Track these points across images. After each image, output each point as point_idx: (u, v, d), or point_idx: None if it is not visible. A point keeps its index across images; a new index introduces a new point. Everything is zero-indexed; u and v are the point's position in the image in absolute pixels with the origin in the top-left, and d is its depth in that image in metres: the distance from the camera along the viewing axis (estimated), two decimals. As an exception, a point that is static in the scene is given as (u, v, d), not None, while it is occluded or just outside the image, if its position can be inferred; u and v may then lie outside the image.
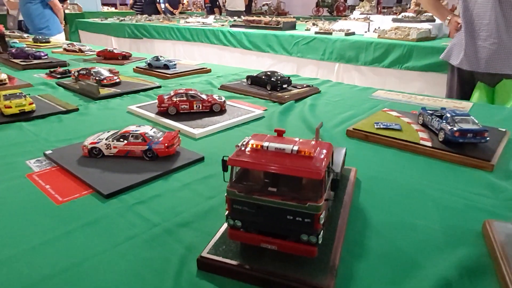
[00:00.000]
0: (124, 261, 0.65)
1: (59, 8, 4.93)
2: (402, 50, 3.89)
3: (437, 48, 3.65)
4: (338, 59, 4.37)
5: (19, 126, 1.33)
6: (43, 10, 4.71)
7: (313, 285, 0.56)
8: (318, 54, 4.52)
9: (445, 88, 3.86)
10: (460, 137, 1.07)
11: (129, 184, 0.89)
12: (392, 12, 7.26)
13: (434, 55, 3.68)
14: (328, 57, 4.45)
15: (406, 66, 3.88)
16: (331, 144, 0.62)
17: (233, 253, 0.63)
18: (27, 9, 4.71)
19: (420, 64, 3.79)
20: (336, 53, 4.36)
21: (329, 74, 4.55)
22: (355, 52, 4.21)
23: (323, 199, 0.54)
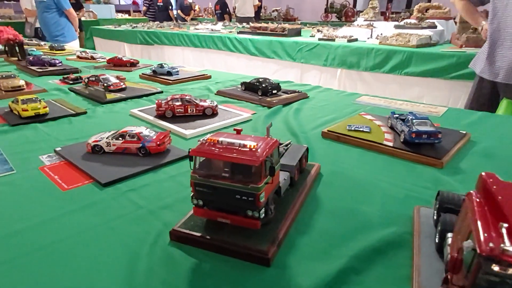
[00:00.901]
0: (113, 233, 0.81)
1: (74, 16, 5.20)
2: (402, 56, 3.99)
3: (436, 54, 3.76)
4: (340, 65, 4.50)
5: (34, 127, 1.51)
6: (59, 18, 4.98)
7: (257, 251, 0.71)
8: (321, 60, 4.65)
9: (443, 92, 3.96)
10: (416, 138, 1.21)
11: (123, 175, 1.06)
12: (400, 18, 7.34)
13: (433, 61, 3.79)
14: (331, 63, 4.58)
15: (406, 72, 3.99)
16: (277, 140, 0.77)
17: (198, 227, 0.79)
18: (44, 18, 4.98)
19: (419, 69, 3.89)
20: (338, 59, 4.48)
21: (331, 80, 4.68)
22: (357, 58, 4.32)
23: (263, 182, 0.69)
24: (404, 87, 4.07)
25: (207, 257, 0.74)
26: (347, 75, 4.50)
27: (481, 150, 1.27)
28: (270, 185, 0.74)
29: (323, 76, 4.74)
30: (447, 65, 3.69)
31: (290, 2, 11.89)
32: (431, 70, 3.79)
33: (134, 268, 0.70)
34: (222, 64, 5.72)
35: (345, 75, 4.52)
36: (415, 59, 3.91)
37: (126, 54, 7.20)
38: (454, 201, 0.74)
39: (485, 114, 1.67)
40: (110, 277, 0.68)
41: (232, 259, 0.73)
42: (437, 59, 3.77)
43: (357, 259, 0.72)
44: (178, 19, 10.64)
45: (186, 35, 6.12)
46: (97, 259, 0.73)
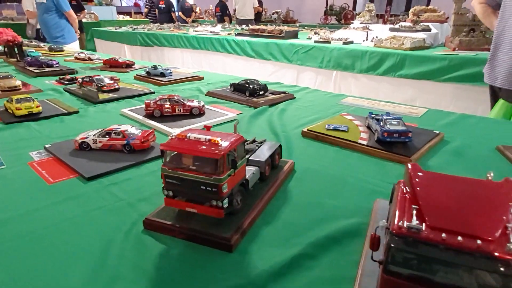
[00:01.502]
0: (91, 222, 0.87)
1: (74, 18, 5.28)
2: (396, 59, 4.04)
3: (428, 57, 3.81)
4: (335, 67, 4.55)
5: (27, 125, 1.58)
6: (59, 20, 5.06)
7: (221, 238, 0.77)
8: (317, 62, 4.71)
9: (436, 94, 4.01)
10: (388, 137, 1.27)
11: (107, 170, 1.12)
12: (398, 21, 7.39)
13: (426, 64, 3.84)
14: (326, 65, 4.63)
15: (399, 74, 4.04)
16: (242, 137, 0.83)
17: (170, 216, 0.85)
18: (44, 19, 5.07)
19: (412, 72, 3.94)
20: (334, 61, 4.54)
21: (327, 81, 4.73)
22: (352, 60, 4.38)
23: (225, 174, 0.75)
24: (398, 89, 4.12)
25: (176, 244, 0.80)
26: (342, 77, 4.56)
27: (452, 149, 1.33)
28: (234, 177, 0.80)
29: (319, 78, 4.79)
30: (439, 68, 3.75)
31: (290, 5, 11.97)
32: (424, 72, 3.85)
33: (107, 253, 0.76)
34: (220, 66, 5.79)
35: (340, 77, 4.58)
36: (408, 61, 3.96)
37: (126, 55, 7.28)
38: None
39: (463, 115, 1.73)
40: (84, 260, 0.74)
41: (199, 245, 0.79)
42: (430, 61, 3.83)
43: (313, 246, 0.78)
44: (179, 21, 10.73)
45: (185, 37, 6.19)
46: (74, 245, 0.79)
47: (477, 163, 1.23)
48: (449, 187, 0.54)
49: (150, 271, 0.71)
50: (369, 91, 4.28)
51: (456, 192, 0.53)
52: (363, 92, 4.30)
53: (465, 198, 0.51)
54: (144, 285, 0.68)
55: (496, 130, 1.54)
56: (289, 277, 0.70)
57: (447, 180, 0.57)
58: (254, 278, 0.69)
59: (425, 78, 3.86)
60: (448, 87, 3.74)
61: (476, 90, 3.58)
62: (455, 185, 0.55)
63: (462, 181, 0.57)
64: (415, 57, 3.88)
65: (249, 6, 9.29)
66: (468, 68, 3.61)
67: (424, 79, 3.87)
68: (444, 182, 0.56)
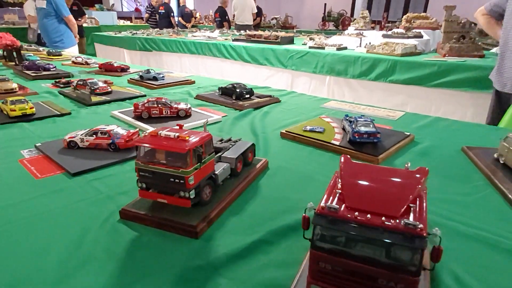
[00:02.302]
0: (72, 213, 0.95)
1: (73, 23, 5.39)
2: (387, 65, 4.12)
3: (419, 63, 3.89)
4: (329, 72, 4.63)
5: (21, 126, 1.66)
6: (58, 25, 5.17)
7: (188, 226, 0.85)
8: (311, 67, 4.79)
9: (426, 100, 4.09)
10: (358, 138, 1.35)
11: (91, 167, 1.20)
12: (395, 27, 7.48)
13: (416, 70, 3.92)
14: (320, 70, 4.72)
15: (391, 79, 4.12)
16: (209, 134, 0.91)
17: (144, 207, 0.92)
18: (44, 24, 5.18)
19: (403, 77, 4.02)
20: (327, 67, 4.62)
21: (321, 86, 4.82)
22: (345, 65, 4.46)
23: (191, 167, 0.83)
24: (389, 94, 4.20)
25: (147, 231, 0.87)
26: (335, 82, 4.64)
27: (419, 149, 1.41)
28: (201, 171, 0.87)
29: (313, 83, 4.88)
30: (428, 74, 3.82)
31: (289, 11, 12.11)
32: (414, 78, 3.93)
33: (83, 238, 0.84)
34: (217, 70, 5.88)
35: (333, 82, 4.66)
36: (399, 67, 4.04)
37: (126, 60, 7.39)
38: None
39: (437, 118, 1.81)
40: (62, 244, 0.82)
41: (169, 233, 0.87)
42: (420, 67, 3.91)
43: (272, 233, 0.86)
44: (179, 26, 10.86)
45: (183, 42, 6.30)
46: (54, 231, 0.87)
47: (440, 163, 1.30)
48: (370, 175, 0.62)
49: (121, 254, 0.79)
50: (362, 96, 4.36)
51: (375, 179, 0.60)
52: (355, 97, 4.39)
53: (381, 184, 0.59)
54: (114, 265, 0.75)
55: (466, 132, 1.62)
56: (246, 260, 0.77)
57: (370, 170, 0.65)
58: (214, 260, 0.77)
59: (416, 84, 3.94)
60: (438, 93, 3.82)
61: (465, 95, 3.67)
62: (375, 173, 0.63)
63: (382, 170, 0.65)
64: (406, 63, 3.96)
65: (248, 12, 9.41)
66: (456, 74, 3.68)
67: (415, 85, 3.95)
68: (367, 171, 0.64)
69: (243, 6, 9.32)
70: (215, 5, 10.88)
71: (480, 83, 3.57)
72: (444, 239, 0.83)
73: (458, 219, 0.93)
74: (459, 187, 1.12)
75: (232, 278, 0.72)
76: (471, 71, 3.61)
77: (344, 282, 0.55)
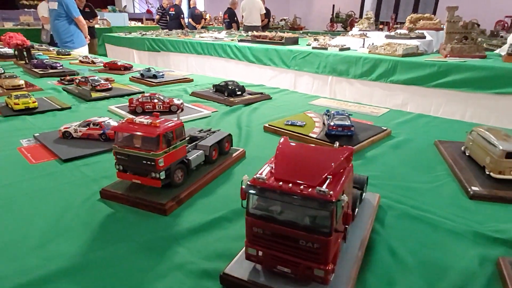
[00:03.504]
0: (58, 193, 1.06)
1: (83, 24, 5.56)
2: (388, 65, 4.15)
3: (419, 63, 3.92)
4: (331, 72, 4.68)
5: (23, 118, 1.78)
6: (69, 26, 5.34)
7: (158, 204, 0.94)
8: (314, 67, 4.85)
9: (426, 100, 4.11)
10: (333, 130, 1.42)
11: (81, 154, 1.31)
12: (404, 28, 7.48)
13: (416, 70, 3.95)
14: (322, 71, 4.77)
15: (391, 80, 4.14)
16: (181, 122, 1.00)
17: (123, 188, 1.02)
18: (55, 25, 5.36)
19: (403, 78, 4.04)
20: (329, 67, 4.67)
21: (323, 86, 4.87)
22: (346, 66, 4.51)
23: (161, 151, 0.92)
24: (390, 94, 4.23)
25: (123, 209, 0.97)
26: (337, 82, 4.69)
27: (393, 143, 1.47)
28: (171, 155, 0.96)
29: (315, 83, 4.94)
30: (428, 74, 3.85)
31: (298, 12, 12.18)
32: (414, 78, 3.95)
33: (64, 213, 0.94)
34: (222, 70, 5.98)
35: (335, 82, 4.71)
36: (399, 67, 4.07)
37: (135, 60, 7.55)
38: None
39: (419, 115, 1.87)
40: (45, 217, 0.92)
41: (142, 210, 0.96)
42: (420, 68, 3.94)
43: (234, 212, 0.94)
44: (189, 27, 11.02)
45: (190, 43, 6.42)
46: (39, 207, 0.97)
47: (411, 155, 1.37)
48: (300, 152, 0.70)
49: (96, 226, 0.89)
50: (363, 96, 4.40)
51: (303, 156, 0.68)
52: (357, 97, 4.42)
53: (307, 159, 0.67)
54: (89, 235, 0.85)
55: (443, 128, 1.68)
56: (205, 233, 0.86)
57: (301, 148, 0.73)
58: (176, 233, 0.86)
59: (416, 84, 3.96)
60: (438, 93, 3.84)
61: (465, 95, 3.68)
62: (305, 151, 0.71)
63: (312, 149, 0.73)
64: (406, 63, 3.99)
65: (256, 13, 9.50)
66: (456, 74, 3.70)
67: (415, 85, 3.97)
68: (298, 149, 0.72)
69: (251, 8, 9.42)
70: (225, 6, 11.01)
71: (480, 84, 3.58)
72: (391, 220, 0.91)
73: (411, 204, 1.00)
74: (421, 177, 1.18)
75: (189, 247, 0.81)
76: (470, 72, 3.63)
77: (273, 244, 0.63)
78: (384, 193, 1.05)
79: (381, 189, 1.08)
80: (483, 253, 0.79)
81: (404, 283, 0.71)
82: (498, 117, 3.52)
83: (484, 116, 3.60)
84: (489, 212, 0.97)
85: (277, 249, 0.63)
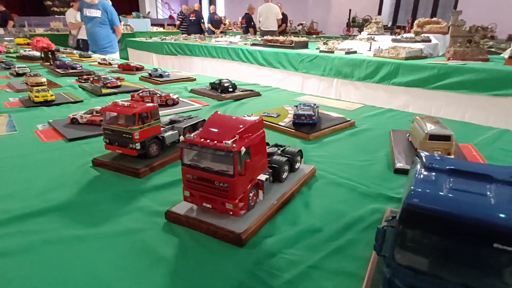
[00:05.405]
0: (57, 162, 1.33)
1: (120, 31, 5.96)
2: (390, 68, 4.29)
3: (420, 65, 4.06)
4: (336, 75, 4.85)
5: (41, 109, 2.08)
6: (109, 32, 5.73)
7: (134, 169, 1.19)
8: (320, 70, 5.03)
9: (427, 101, 4.23)
10: (297, 119, 1.64)
11: (83, 135, 1.58)
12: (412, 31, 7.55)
13: (417, 72, 4.08)
14: (328, 73, 4.95)
15: (393, 82, 4.28)
16: (156, 106, 1.25)
17: (110, 157, 1.28)
18: (95, 31, 5.68)
19: (405, 80, 4.17)
20: (335, 70, 4.85)
21: (329, 88, 5.06)
22: (351, 68, 4.67)
23: (137, 126, 1.17)
24: (393, 96, 4.36)
25: (108, 173, 1.23)
26: (342, 84, 4.86)
27: (352, 132, 1.68)
28: (146, 130, 1.21)
29: (321, 85, 5.12)
30: (429, 76, 3.97)
31: (316, 17, 12.36)
32: (416, 80, 4.07)
33: (62, 175, 1.21)
34: (234, 73, 6.24)
35: (340, 84, 4.88)
36: (401, 70, 4.20)
37: (154, 63, 7.94)
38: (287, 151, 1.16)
39: (389, 110, 2.06)
40: (45, 177, 1.19)
41: (122, 174, 1.21)
42: (421, 70, 4.06)
43: (193, 177, 1.18)
44: (208, 32, 11.40)
45: (205, 47, 6.74)
46: (43, 170, 1.25)
47: (363, 141, 1.57)
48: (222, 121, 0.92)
49: (85, 184, 1.15)
50: (367, 98, 4.55)
51: (223, 123, 0.90)
52: (361, 99, 4.58)
53: (225, 125, 0.88)
54: (77, 188, 1.11)
55: (405, 121, 1.86)
56: (165, 189, 1.11)
57: (224, 118, 0.95)
58: (144, 188, 1.11)
59: (417, 86, 4.08)
60: (438, 95, 3.95)
61: (464, 97, 3.78)
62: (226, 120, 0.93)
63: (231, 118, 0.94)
64: (408, 66, 4.12)
65: (272, 19, 9.77)
66: (455, 76, 3.81)
67: (416, 87, 4.09)
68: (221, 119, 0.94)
69: (267, 13, 9.69)
70: (244, 12, 11.35)
71: (479, 86, 3.68)
72: (319, 185, 1.12)
73: (341, 175, 1.21)
74: (362, 157, 1.39)
75: (150, 197, 1.06)
76: (470, 74, 3.72)
77: (198, 186, 0.86)
78: (324, 168, 1.26)
79: (322, 165, 1.29)
80: (379, 206, 0.99)
81: (305, 222, 0.92)
82: (497, 118, 3.61)
83: (483, 117, 3.69)
84: (403, 182, 1.16)
85: (201, 189, 0.86)
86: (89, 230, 0.89)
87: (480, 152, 1.40)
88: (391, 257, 0.49)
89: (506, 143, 1.50)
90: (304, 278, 0.73)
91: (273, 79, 5.66)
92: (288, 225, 0.92)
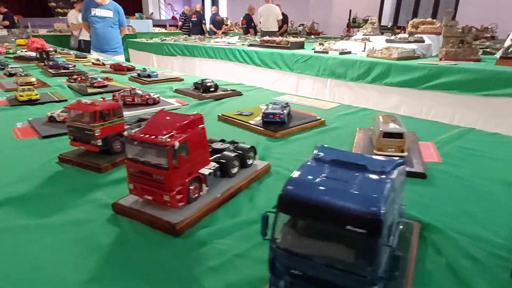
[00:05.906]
0: (31, 157, 1.39)
1: (124, 32, 6.06)
2: (382, 68, 4.32)
3: (411, 66, 4.08)
4: (330, 75, 4.89)
5: (26, 108, 2.15)
6: (118, 33, 5.84)
7: (95, 164, 1.24)
8: (314, 70, 5.07)
9: (418, 101, 4.24)
10: (266, 118, 1.69)
11: (57, 133, 1.64)
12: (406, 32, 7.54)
13: (409, 73, 4.11)
14: (322, 73, 4.98)
15: (385, 82, 4.31)
16: (119, 104, 1.30)
17: (75, 154, 1.33)
18: (108, 32, 5.67)
19: (397, 80, 4.19)
20: (329, 70, 4.88)
21: (323, 89, 5.09)
22: (344, 69, 4.70)
23: (98, 123, 1.22)
24: (385, 96, 4.38)
25: (71, 168, 1.29)
26: (336, 85, 4.89)
27: (320, 130, 1.72)
28: (108, 128, 1.27)
29: (315, 85, 5.16)
30: (420, 77, 3.99)
31: (317, 18, 12.38)
32: (407, 80, 4.10)
33: (30, 169, 1.26)
34: (231, 73, 6.30)
35: (334, 84, 4.91)
36: (393, 70, 4.22)
37: (154, 64, 8.03)
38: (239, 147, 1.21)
39: (362, 109, 2.09)
40: (15, 172, 1.24)
41: (84, 170, 1.27)
42: (412, 71, 4.08)
43: (151, 172, 1.23)
44: (210, 33, 11.48)
45: (203, 47, 6.81)
46: (14, 165, 1.30)
47: (327, 138, 1.61)
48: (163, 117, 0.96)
49: (46, 178, 1.20)
50: (359, 98, 4.58)
51: (163, 119, 0.95)
52: (354, 99, 4.61)
53: (165, 122, 0.93)
54: (39, 182, 1.16)
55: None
56: (122, 184, 1.15)
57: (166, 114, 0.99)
58: (101, 183, 1.16)
59: (409, 86, 4.11)
60: (429, 95, 3.97)
61: (455, 97, 3.80)
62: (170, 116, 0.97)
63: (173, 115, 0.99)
64: (400, 66, 4.14)
65: (272, 19, 9.82)
66: (445, 77, 3.83)
67: (408, 87, 4.12)
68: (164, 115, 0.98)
69: (268, 14, 9.75)
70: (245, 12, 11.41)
71: (469, 86, 3.69)
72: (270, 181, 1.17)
73: (289, 168, 1.25)
74: (323, 154, 1.42)
75: (105, 191, 1.11)
76: (460, 74, 3.74)
77: (139, 179, 0.91)
78: (281, 164, 1.30)
79: (281, 161, 1.33)
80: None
81: (245, 215, 0.97)
82: (487, 118, 3.62)
83: (473, 117, 3.71)
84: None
85: (142, 182, 0.91)
86: (38, 221, 0.94)
87: (439, 150, 1.43)
88: (271, 241, 0.53)
89: (466, 141, 1.53)
90: (227, 265, 0.77)
91: (269, 80, 5.71)
92: (228, 217, 0.96)
